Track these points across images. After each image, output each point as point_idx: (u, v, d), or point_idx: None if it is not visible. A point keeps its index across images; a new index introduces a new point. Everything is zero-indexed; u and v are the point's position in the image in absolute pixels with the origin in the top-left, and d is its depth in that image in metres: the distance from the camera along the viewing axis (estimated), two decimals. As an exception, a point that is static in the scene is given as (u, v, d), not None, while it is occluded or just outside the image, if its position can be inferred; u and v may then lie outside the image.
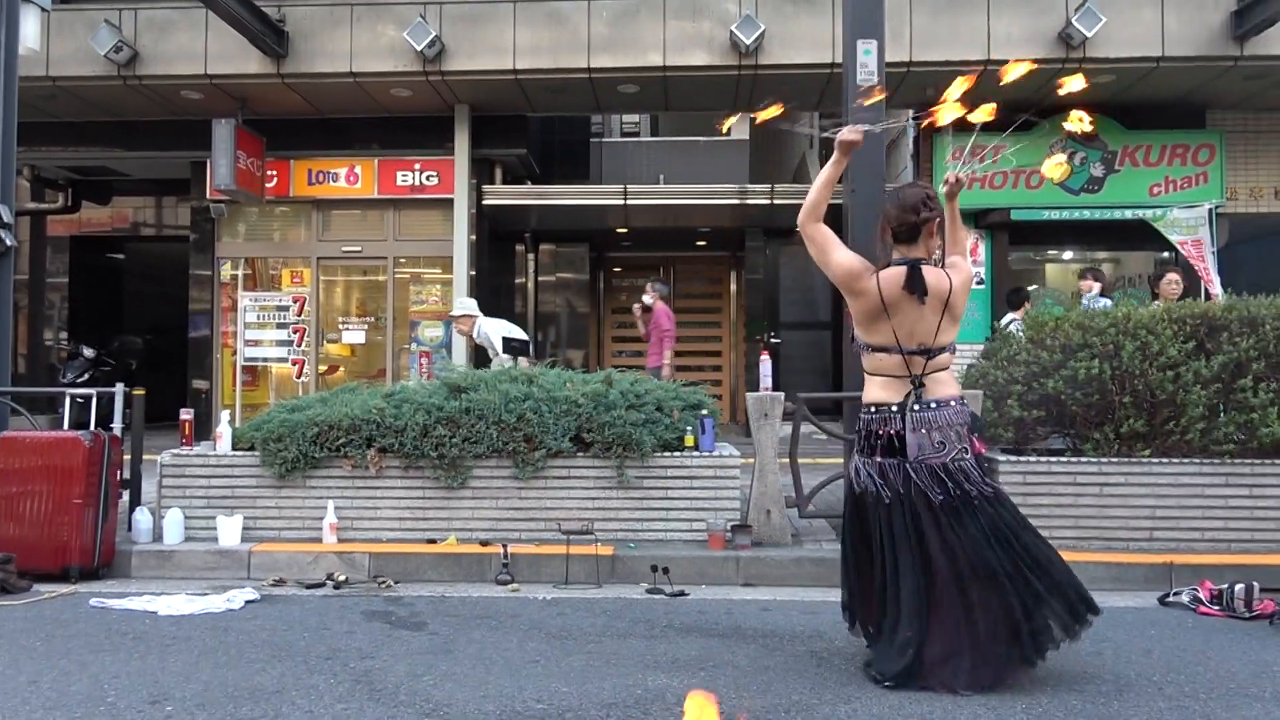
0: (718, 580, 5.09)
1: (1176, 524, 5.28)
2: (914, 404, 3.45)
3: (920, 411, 3.45)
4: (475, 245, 11.13)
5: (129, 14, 9.89)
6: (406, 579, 5.15)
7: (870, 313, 3.50)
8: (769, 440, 5.47)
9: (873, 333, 3.51)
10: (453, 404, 5.47)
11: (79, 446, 5.08)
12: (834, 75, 9.59)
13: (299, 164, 11.44)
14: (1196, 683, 3.44)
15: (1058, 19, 9.30)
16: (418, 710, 3.12)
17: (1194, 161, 10.52)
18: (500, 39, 9.82)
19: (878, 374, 3.54)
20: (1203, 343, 5.39)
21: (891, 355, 3.48)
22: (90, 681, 3.41)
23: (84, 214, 13.33)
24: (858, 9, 5.88)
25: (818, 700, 3.22)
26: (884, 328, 3.48)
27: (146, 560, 5.31)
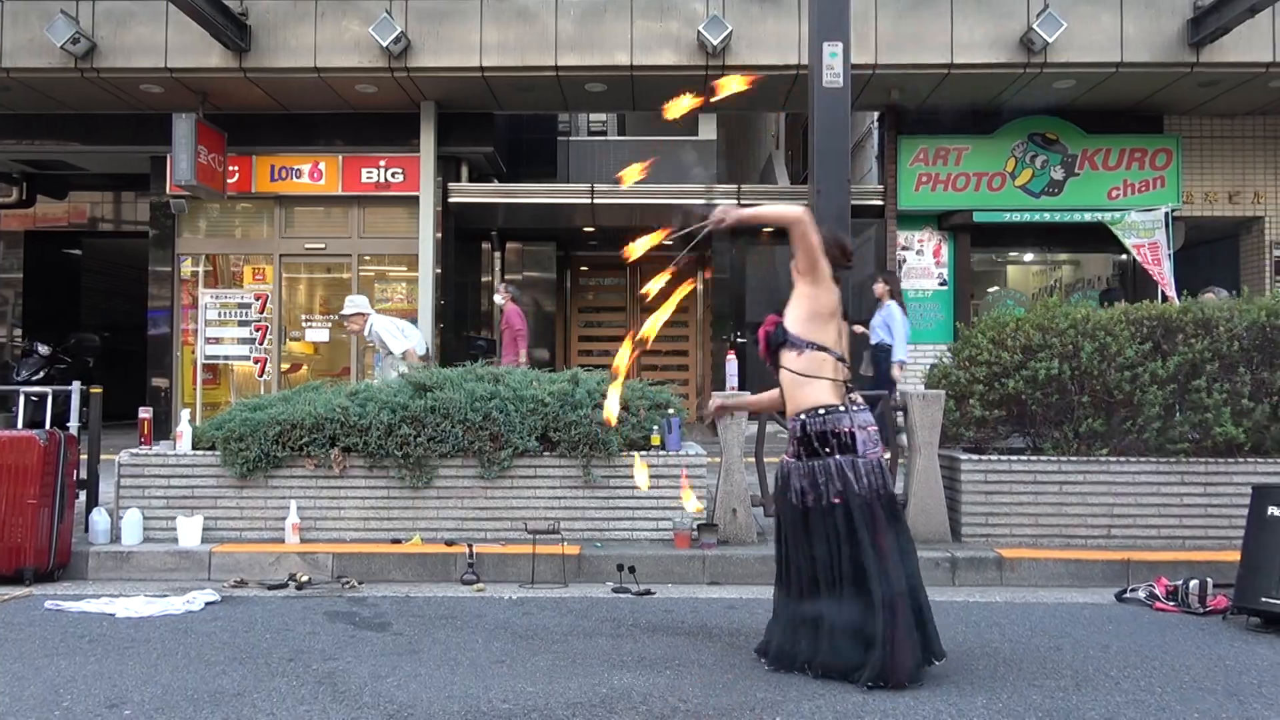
0: (684, 579, 5.11)
1: (1133, 522, 5.39)
2: (854, 404, 3.60)
3: (859, 411, 3.59)
4: (441, 243, 11.06)
5: (86, 5, 9.70)
6: (371, 579, 5.12)
7: (829, 310, 3.59)
8: (735, 440, 5.49)
9: (822, 332, 3.58)
10: (418, 403, 5.44)
11: (34, 446, 5.00)
12: (800, 77, 9.66)
13: (261, 160, 11.29)
14: (1153, 677, 3.51)
15: (1019, 24, 9.44)
16: (382, 712, 3.10)
17: (1151, 166, 10.74)
18: (467, 36, 9.76)
19: (820, 377, 3.56)
20: (1159, 344, 5.51)
21: (829, 358, 3.58)
22: (45, 685, 3.36)
23: (39, 208, 13.06)
24: (824, 12, 5.93)
25: (782, 698, 3.25)
26: (830, 329, 3.60)
27: (104, 561, 5.23)
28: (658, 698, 3.24)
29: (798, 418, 3.56)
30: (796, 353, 3.57)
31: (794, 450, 3.60)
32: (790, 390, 3.61)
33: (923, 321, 11.11)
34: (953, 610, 4.54)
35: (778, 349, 3.63)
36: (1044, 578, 5.13)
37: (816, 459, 3.52)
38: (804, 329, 3.59)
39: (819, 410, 3.53)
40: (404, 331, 7.79)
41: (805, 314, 3.60)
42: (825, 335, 3.58)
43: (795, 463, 3.58)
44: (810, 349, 3.56)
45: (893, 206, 11.06)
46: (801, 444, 3.56)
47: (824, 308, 3.59)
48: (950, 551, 5.22)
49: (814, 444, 3.53)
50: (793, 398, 3.60)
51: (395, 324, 7.87)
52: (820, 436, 3.52)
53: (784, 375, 3.62)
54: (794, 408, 3.59)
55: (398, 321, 8.04)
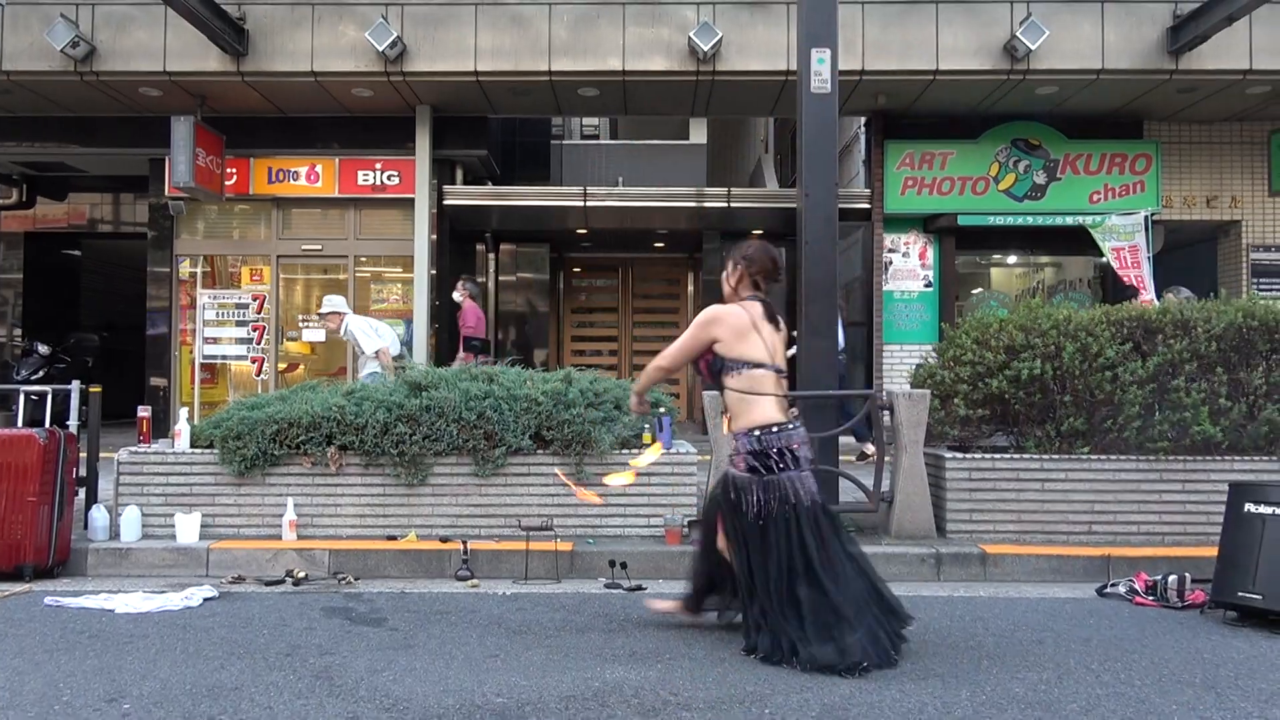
0: (675, 574, 5.16)
1: (1114, 518, 5.48)
2: (796, 420, 3.85)
3: (800, 427, 3.85)
4: (436, 245, 11.13)
5: (86, 9, 9.75)
6: (367, 576, 5.17)
7: (740, 329, 3.79)
8: (725, 439, 5.56)
9: (748, 347, 3.77)
10: (413, 402, 5.50)
11: (34, 444, 5.04)
12: (789, 83, 9.76)
13: (259, 162, 11.35)
14: (1132, 670, 3.57)
15: (1003, 31, 9.55)
16: (377, 705, 3.13)
17: (1131, 170, 10.87)
18: (462, 41, 9.83)
19: (763, 393, 3.75)
20: (1139, 344, 5.60)
21: (767, 372, 3.77)
22: (45, 681, 3.38)
23: (39, 210, 13.09)
24: (812, 19, 6.01)
25: (770, 690, 3.30)
26: (756, 341, 3.78)
27: (103, 558, 5.28)
28: (649, 691, 3.28)
29: (750, 433, 3.73)
30: (735, 374, 3.76)
31: (746, 465, 3.74)
32: (737, 408, 3.79)
33: (908, 322, 11.22)
34: (937, 605, 4.62)
35: (719, 374, 3.82)
36: (1027, 573, 5.22)
37: (771, 474, 3.69)
38: (733, 350, 3.78)
39: (771, 428, 3.73)
40: (378, 331, 7.88)
41: (725, 343, 3.80)
42: (753, 349, 3.77)
43: (751, 477, 3.72)
44: (746, 368, 3.75)
45: (879, 210, 11.16)
46: (757, 458, 3.71)
47: (730, 332, 3.79)
48: (935, 548, 5.31)
49: (770, 460, 3.69)
50: (742, 414, 3.77)
51: (370, 324, 7.96)
52: (778, 453, 3.71)
53: (730, 395, 3.81)
54: (745, 424, 3.75)
55: (372, 321, 8.12)
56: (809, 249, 5.94)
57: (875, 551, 5.27)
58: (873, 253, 11.27)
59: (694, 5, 9.77)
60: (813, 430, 5.78)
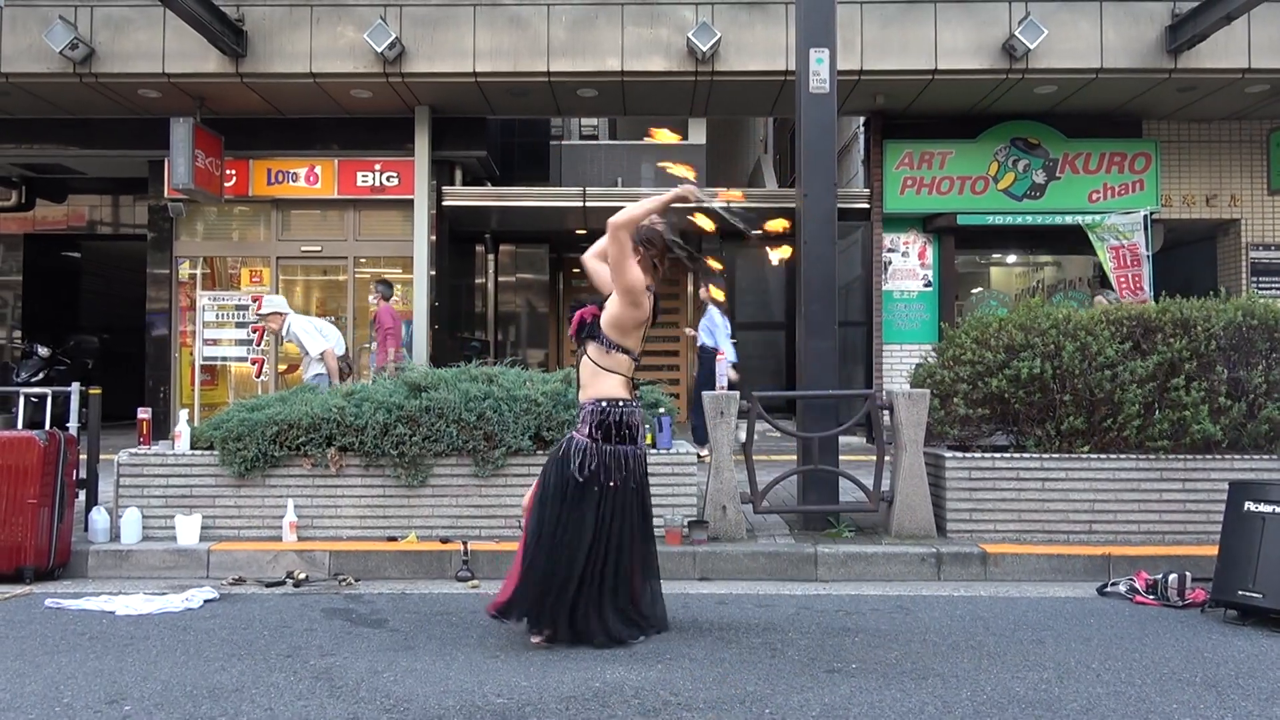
0: (675, 575, 5.16)
1: (1114, 517, 5.49)
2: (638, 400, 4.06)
3: (639, 406, 4.02)
4: (435, 245, 11.14)
5: (85, 11, 9.76)
6: (367, 577, 5.18)
7: (637, 323, 3.90)
8: (725, 438, 5.58)
9: (627, 338, 3.91)
10: (413, 403, 5.50)
11: (34, 446, 5.04)
12: (787, 82, 9.76)
13: (258, 163, 11.36)
14: (1133, 669, 3.57)
15: (1001, 31, 9.56)
16: (378, 706, 3.14)
17: (1131, 169, 10.88)
18: (460, 42, 9.84)
19: (617, 373, 3.92)
20: (1139, 343, 5.60)
21: (629, 360, 3.94)
22: (46, 682, 3.39)
23: (38, 212, 13.11)
24: (810, 19, 6.01)
25: (771, 690, 3.31)
26: (636, 336, 3.95)
27: (103, 560, 5.29)
28: (649, 691, 3.29)
29: (597, 403, 3.88)
30: (604, 350, 3.90)
31: (589, 432, 3.87)
32: (590, 378, 3.93)
33: (908, 322, 11.23)
34: (938, 604, 4.63)
35: (587, 338, 3.95)
36: (1027, 572, 5.22)
37: (608, 444, 3.86)
38: (615, 334, 3.89)
39: (618, 401, 3.89)
40: (322, 331, 7.86)
41: (616, 321, 3.87)
42: (630, 341, 3.92)
43: (594, 444, 3.86)
44: (616, 350, 3.90)
45: (878, 209, 11.17)
46: (599, 428, 3.86)
47: (628, 320, 3.87)
48: (935, 547, 5.31)
49: (610, 430, 3.87)
50: (593, 384, 3.92)
51: (313, 324, 7.94)
52: (617, 425, 3.87)
53: (586, 364, 3.95)
54: (594, 393, 3.90)
55: (316, 321, 8.12)
56: (808, 249, 5.94)
57: (875, 551, 5.28)
58: (872, 252, 11.29)
59: (692, 5, 9.78)
60: (813, 430, 5.81)
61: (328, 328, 8.05)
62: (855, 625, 4.24)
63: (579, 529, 3.83)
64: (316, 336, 7.70)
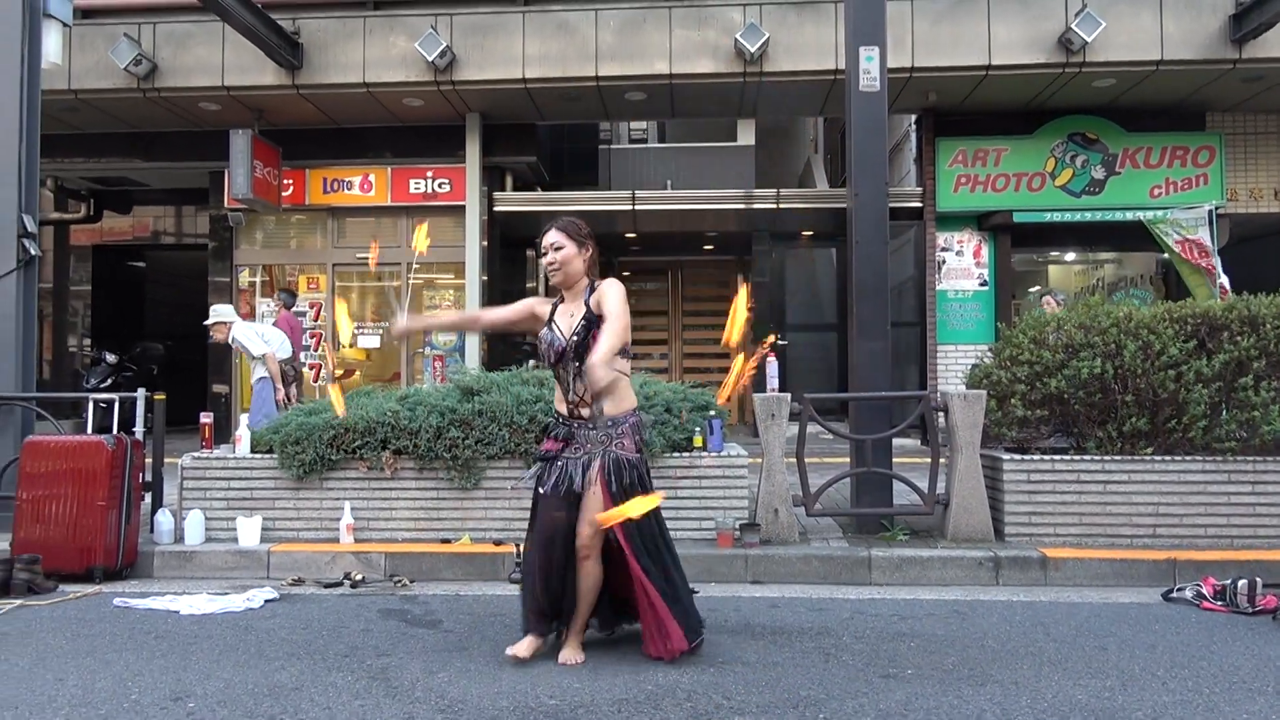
0: (727, 578, 5.16)
1: (1180, 521, 5.33)
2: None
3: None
4: (487, 251, 11.26)
5: (148, 28, 10.07)
6: (422, 578, 5.23)
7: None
8: (776, 440, 5.54)
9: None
10: (466, 406, 5.56)
11: (102, 450, 5.18)
12: (837, 82, 9.69)
13: (314, 173, 11.60)
14: (1200, 677, 3.47)
15: (1057, 24, 9.37)
16: (433, 706, 3.17)
17: (1194, 163, 10.58)
18: (510, 49, 9.94)
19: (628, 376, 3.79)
20: (1204, 342, 5.44)
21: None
22: (114, 679, 3.47)
23: (105, 223, 13.57)
24: (860, 16, 5.96)
25: (825, 695, 3.27)
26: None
27: (168, 561, 5.41)
28: (701, 694, 3.27)
29: (635, 414, 3.76)
30: (624, 357, 3.72)
31: (634, 445, 3.72)
32: (617, 390, 3.67)
33: (963, 322, 11.06)
34: (996, 609, 4.54)
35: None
36: (1089, 577, 5.10)
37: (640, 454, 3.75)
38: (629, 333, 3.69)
39: (639, 410, 3.83)
40: (264, 336, 8.06)
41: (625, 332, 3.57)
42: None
43: (640, 457, 3.75)
44: (628, 353, 3.74)
45: (931, 208, 11.02)
46: (641, 439, 3.76)
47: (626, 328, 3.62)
48: (993, 551, 5.21)
49: (643, 440, 3.79)
50: (623, 397, 3.72)
51: (255, 329, 8.13)
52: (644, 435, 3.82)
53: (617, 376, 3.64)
54: (629, 405, 3.75)
55: (258, 327, 8.31)
56: (859, 249, 5.89)
57: (931, 555, 5.20)
58: (925, 252, 11.14)
59: (740, 6, 9.76)
60: (865, 432, 5.74)
61: (270, 332, 8.31)
62: (910, 630, 4.17)
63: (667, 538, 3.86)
64: (258, 340, 7.96)
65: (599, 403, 3.59)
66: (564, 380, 3.74)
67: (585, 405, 3.69)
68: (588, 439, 3.71)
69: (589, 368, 3.36)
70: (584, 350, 3.60)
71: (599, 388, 3.32)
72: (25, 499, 5.17)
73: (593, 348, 3.50)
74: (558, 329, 3.74)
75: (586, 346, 3.59)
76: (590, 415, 3.69)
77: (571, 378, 3.70)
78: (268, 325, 8.51)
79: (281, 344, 8.27)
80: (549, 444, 3.82)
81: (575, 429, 3.74)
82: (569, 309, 3.77)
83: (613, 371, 3.47)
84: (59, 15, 6.65)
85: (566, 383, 3.73)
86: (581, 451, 3.72)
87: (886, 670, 3.57)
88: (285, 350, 8.30)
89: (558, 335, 3.73)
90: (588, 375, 3.39)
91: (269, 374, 7.94)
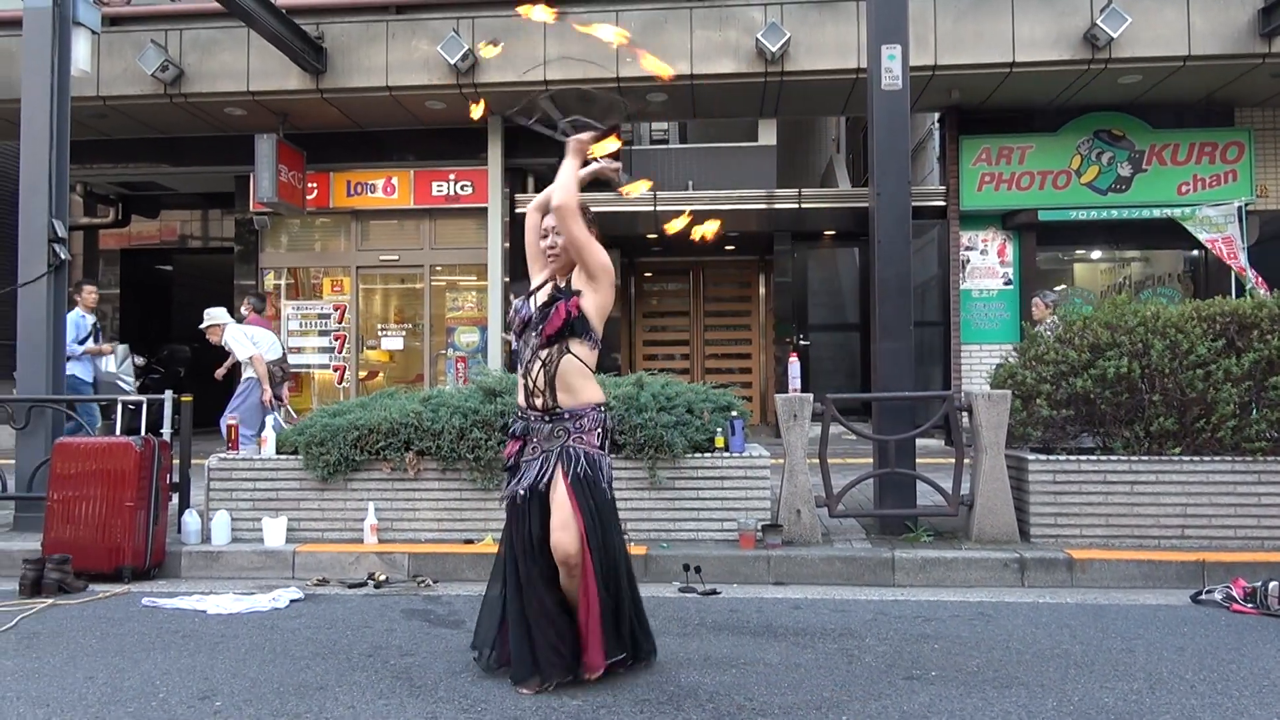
0: (749, 579, 5.15)
1: (1209, 522, 5.27)
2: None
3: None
4: (509, 252, 11.30)
5: (174, 34, 10.20)
6: (445, 578, 5.26)
7: (609, 307, 3.46)
8: (798, 441, 5.53)
9: (600, 327, 3.45)
10: (488, 407, 5.58)
11: (131, 451, 5.26)
12: (859, 80, 9.64)
13: (338, 176, 11.70)
14: (1230, 680, 3.43)
15: (1083, 20, 9.28)
16: (456, 706, 3.19)
17: (1223, 159, 10.44)
18: (531, 51, 9.97)
19: (594, 372, 3.44)
20: (1233, 340, 5.38)
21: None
22: (143, 678, 3.52)
23: (133, 227, 13.76)
24: (882, 15, 5.93)
25: (848, 697, 3.26)
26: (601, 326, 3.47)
27: (195, 561, 5.48)
28: (724, 696, 3.27)
29: (598, 408, 3.41)
30: (590, 346, 3.38)
31: (599, 439, 3.40)
32: (574, 379, 3.35)
33: (987, 321, 10.97)
34: (1021, 611, 4.51)
35: (570, 335, 3.33)
36: (1116, 579, 5.04)
37: (606, 453, 3.44)
38: (597, 325, 3.41)
39: (606, 406, 3.48)
40: (253, 339, 8.19)
41: (601, 309, 3.41)
42: (599, 330, 3.45)
43: (602, 452, 3.42)
44: (597, 345, 3.42)
45: (955, 207, 10.94)
46: (605, 433, 3.44)
47: (606, 304, 3.42)
48: (1018, 552, 5.17)
49: (607, 438, 3.47)
50: (582, 388, 3.36)
51: (244, 331, 8.25)
52: (610, 432, 3.49)
53: (573, 364, 3.34)
54: (592, 398, 3.39)
55: (248, 329, 8.39)
56: (882, 248, 5.86)
57: (955, 556, 5.17)
58: (949, 251, 11.06)
59: (761, 6, 9.73)
60: (888, 433, 5.71)
61: (260, 334, 8.41)
62: (934, 632, 4.15)
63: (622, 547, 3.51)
64: (246, 342, 8.10)
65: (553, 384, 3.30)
66: (522, 359, 3.38)
67: (539, 393, 3.35)
68: (540, 433, 3.37)
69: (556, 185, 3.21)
70: (541, 321, 3.32)
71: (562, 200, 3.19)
72: (56, 500, 5.25)
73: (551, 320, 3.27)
74: (531, 299, 3.45)
75: (546, 318, 3.31)
76: (544, 406, 3.34)
77: (532, 354, 3.35)
78: (258, 328, 8.61)
79: (271, 345, 8.40)
80: (511, 445, 3.48)
81: (532, 423, 3.39)
82: (556, 286, 3.47)
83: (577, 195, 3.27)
84: (88, 23, 6.75)
85: (524, 361, 3.37)
86: (538, 451, 3.38)
87: (910, 672, 3.55)
88: (275, 351, 8.42)
89: (527, 306, 3.42)
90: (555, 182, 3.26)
91: (256, 375, 8.10)
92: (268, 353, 8.24)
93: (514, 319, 3.45)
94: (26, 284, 6.26)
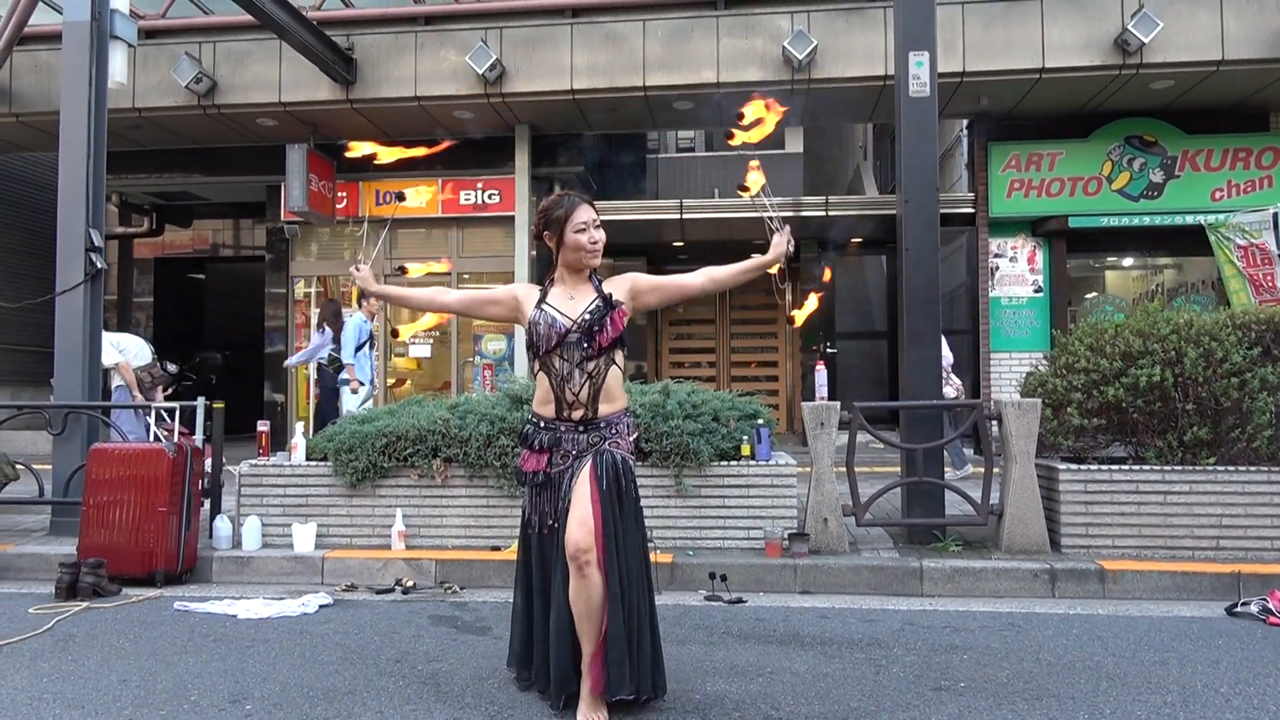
0: (775, 588, 5.13)
1: (1244, 533, 5.18)
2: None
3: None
4: (536, 261, 11.35)
5: (208, 47, 10.37)
6: (471, 585, 5.29)
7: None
8: (825, 449, 5.50)
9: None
10: (515, 414, 5.61)
11: (164, 457, 5.33)
12: (886, 87, 9.61)
13: (367, 185, 11.82)
14: (1266, 694, 3.37)
15: (1113, 25, 9.19)
16: (483, 712, 3.20)
17: (1258, 165, 10.29)
18: (558, 61, 10.04)
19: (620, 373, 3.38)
20: (1269, 348, 5.29)
21: None
22: (175, 681, 3.56)
23: (167, 237, 13.99)
24: (909, 22, 5.91)
25: (875, 707, 3.24)
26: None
27: (226, 566, 5.54)
28: (750, 705, 3.26)
29: (629, 414, 3.36)
30: (624, 353, 3.33)
31: (631, 446, 3.31)
32: (615, 388, 3.26)
33: (1017, 329, 10.87)
34: (1051, 622, 4.45)
35: (615, 347, 3.25)
36: (1148, 590, 4.97)
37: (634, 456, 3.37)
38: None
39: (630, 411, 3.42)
40: (119, 346, 8.30)
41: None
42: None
43: (634, 458, 3.34)
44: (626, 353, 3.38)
45: (984, 214, 10.86)
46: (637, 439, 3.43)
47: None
48: (1049, 563, 5.11)
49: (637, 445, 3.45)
50: (619, 395, 3.29)
51: (110, 339, 8.23)
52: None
53: (615, 373, 3.25)
54: (621, 405, 3.30)
55: (112, 336, 8.38)
56: (910, 256, 5.83)
57: (984, 566, 5.12)
58: (978, 258, 10.98)
59: (788, 14, 9.73)
60: (917, 441, 5.67)
61: (127, 341, 8.55)
62: (963, 642, 4.11)
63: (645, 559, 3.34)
64: (111, 350, 8.11)
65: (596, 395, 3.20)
66: (558, 373, 3.19)
67: (580, 406, 3.20)
68: (576, 444, 3.21)
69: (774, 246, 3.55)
70: (594, 332, 3.17)
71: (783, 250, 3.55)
72: (91, 504, 5.33)
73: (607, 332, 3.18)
74: (556, 310, 3.23)
75: (594, 333, 3.17)
76: (583, 417, 3.21)
77: (573, 367, 3.18)
78: (124, 335, 8.80)
79: (138, 352, 8.51)
80: (530, 459, 3.28)
81: (563, 434, 3.22)
82: (568, 293, 3.28)
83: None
84: (124, 36, 6.88)
85: (562, 375, 3.18)
86: (569, 460, 3.22)
87: (938, 683, 3.52)
88: (143, 357, 8.52)
89: (559, 317, 3.20)
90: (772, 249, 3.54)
91: (125, 381, 8.23)
92: (135, 359, 8.38)
93: (545, 332, 3.21)
94: (64, 292, 6.38)
